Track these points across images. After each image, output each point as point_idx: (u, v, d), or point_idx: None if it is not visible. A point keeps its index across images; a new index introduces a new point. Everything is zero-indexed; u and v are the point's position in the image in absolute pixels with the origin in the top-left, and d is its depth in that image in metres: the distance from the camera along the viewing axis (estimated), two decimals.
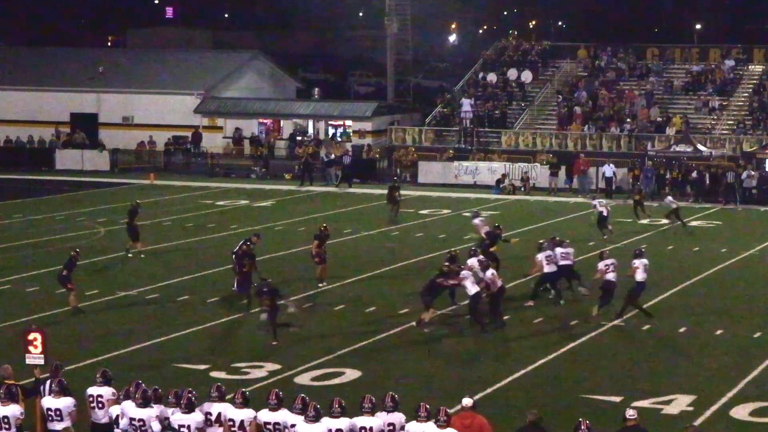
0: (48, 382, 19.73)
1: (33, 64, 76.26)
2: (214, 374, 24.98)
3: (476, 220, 38.12)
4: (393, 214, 48.33)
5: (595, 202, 44.78)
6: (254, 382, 24.16)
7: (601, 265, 30.96)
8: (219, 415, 18.30)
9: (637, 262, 30.84)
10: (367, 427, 17.90)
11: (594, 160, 58.88)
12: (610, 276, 30.69)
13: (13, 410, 18.71)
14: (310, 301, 32.68)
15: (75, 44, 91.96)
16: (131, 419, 18.45)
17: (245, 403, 18.40)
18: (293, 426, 17.94)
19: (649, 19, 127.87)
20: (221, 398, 18.53)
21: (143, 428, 18.40)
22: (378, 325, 30.19)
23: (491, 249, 34.75)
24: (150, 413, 18.39)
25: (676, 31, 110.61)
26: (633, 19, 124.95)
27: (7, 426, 18.50)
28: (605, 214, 43.22)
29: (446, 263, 30.81)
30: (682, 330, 29.78)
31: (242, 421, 18.24)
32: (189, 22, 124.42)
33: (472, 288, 29.75)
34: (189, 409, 18.14)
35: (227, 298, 32.93)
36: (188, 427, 18.10)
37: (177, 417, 18.21)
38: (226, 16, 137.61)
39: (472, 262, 31.37)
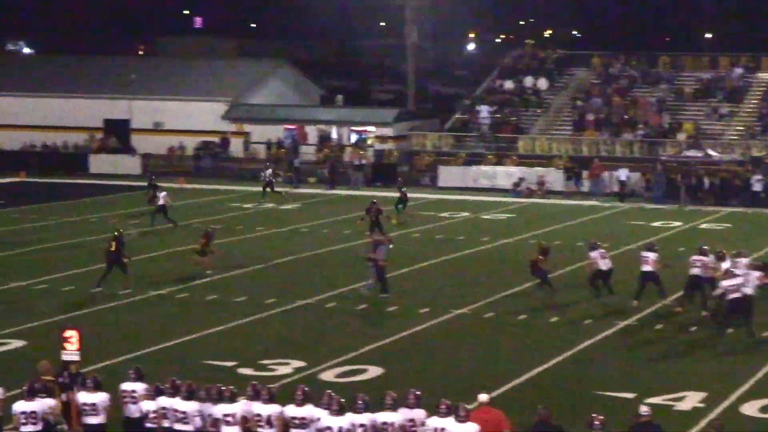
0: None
1: (67, 72, 76.45)
2: (242, 371, 25.05)
3: (593, 253, 32.98)
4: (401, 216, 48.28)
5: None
6: (280, 379, 24.21)
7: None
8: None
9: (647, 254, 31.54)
10: (389, 423, 17.96)
11: (608, 164, 58.87)
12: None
13: (48, 404, 18.86)
14: (334, 302, 32.72)
15: (107, 53, 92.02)
16: (174, 411, 18.60)
17: (272, 398, 18.49)
18: (318, 420, 18.03)
19: (660, 28, 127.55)
20: (255, 396, 18.62)
21: (184, 420, 18.59)
22: (399, 323, 30.21)
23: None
24: (192, 407, 18.54)
25: (687, 40, 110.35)
26: (645, 29, 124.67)
27: (33, 420, 18.62)
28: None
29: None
30: (693, 329, 29.72)
31: (269, 416, 18.33)
32: (217, 31, 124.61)
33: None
34: (232, 399, 18.44)
35: (253, 297, 32.96)
36: (233, 415, 18.30)
37: (221, 408, 18.41)
38: (253, 25, 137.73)
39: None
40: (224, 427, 18.38)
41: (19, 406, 18.69)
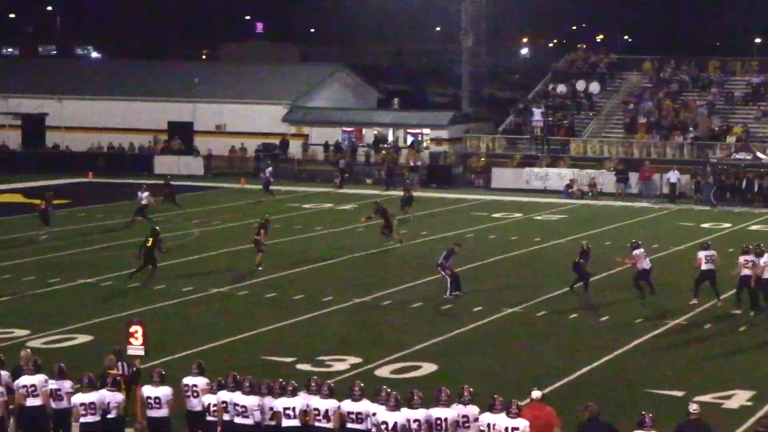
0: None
1: (133, 76, 77.01)
2: (300, 366, 25.12)
3: (636, 251, 32.84)
4: (407, 215, 48.34)
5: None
6: (337, 375, 24.25)
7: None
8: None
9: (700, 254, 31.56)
10: (443, 418, 17.95)
11: (659, 167, 58.55)
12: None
13: (115, 398, 19.04)
14: (390, 299, 32.74)
15: (172, 58, 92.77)
16: (234, 405, 18.73)
17: (331, 393, 18.54)
18: (374, 415, 18.07)
19: (711, 33, 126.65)
20: (317, 391, 18.70)
21: (245, 414, 18.69)
22: (453, 321, 30.20)
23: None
24: (252, 401, 18.66)
25: (737, 45, 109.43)
26: (696, 33, 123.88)
27: (93, 411, 18.86)
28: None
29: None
30: (742, 329, 29.49)
31: (326, 411, 18.39)
32: (277, 36, 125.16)
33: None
34: (293, 393, 18.54)
35: (311, 295, 33.04)
36: (293, 409, 18.40)
37: (281, 401, 18.53)
38: (312, 31, 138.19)
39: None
40: (285, 420, 18.47)
41: (78, 398, 18.94)
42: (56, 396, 19.36)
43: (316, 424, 18.38)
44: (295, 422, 18.41)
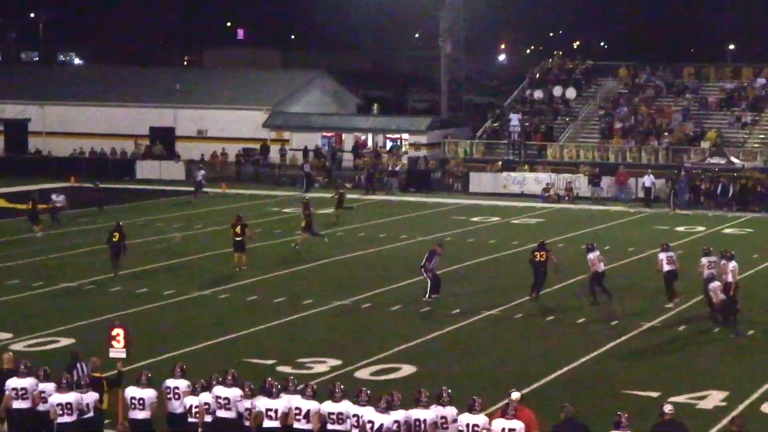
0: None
1: (115, 82, 76.79)
2: (281, 368, 25.09)
3: (590, 255, 32.92)
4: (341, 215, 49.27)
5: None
6: (317, 377, 24.23)
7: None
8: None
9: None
10: (422, 420, 17.96)
11: (634, 171, 58.70)
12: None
13: (93, 396, 19.12)
14: (370, 302, 32.74)
15: (154, 64, 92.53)
16: (216, 397, 18.85)
17: (314, 395, 18.56)
18: (355, 416, 18.06)
19: (685, 40, 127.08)
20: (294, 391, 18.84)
21: (227, 406, 18.78)
22: (432, 324, 30.21)
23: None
24: (236, 393, 18.84)
25: (711, 51, 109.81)
26: (670, 40, 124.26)
27: (68, 411, 18.89)
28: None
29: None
30: (716, 330, 29.58)
31: (308, 411, 18.40)
32: (258, 42, 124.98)
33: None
34: (276, 395, 18.62)
35: (292, 298, 33.01)
36: (275, 411, 18.48)
37: (263, 402, 18.62)
38: (293, 37, 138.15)
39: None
40: (266, 421, 18.47)
41: (55, 399, 18.94)
42: (42, 399, 19.33)
43: (296, 425, 18.38)
44: (276, 423, 18.41)
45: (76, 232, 45.98)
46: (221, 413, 18.85)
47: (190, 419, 19.12)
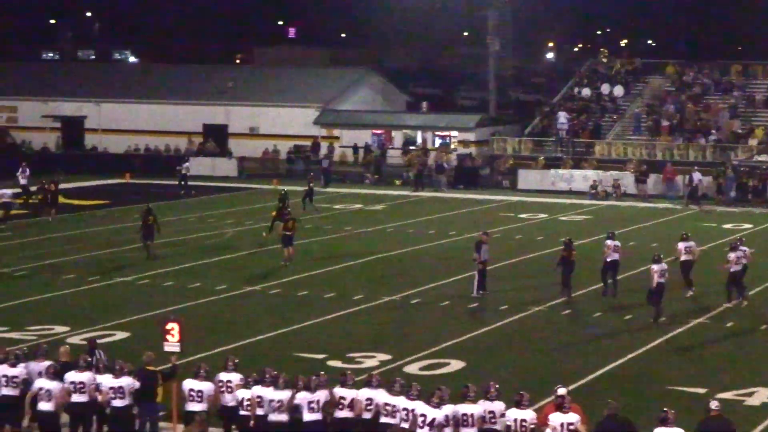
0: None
1: (169, 79, 77.29)
2: (331, 363, 25.17)
3: (609, 242, 33.36)
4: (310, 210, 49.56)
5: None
6: (367, 371, 24.27)
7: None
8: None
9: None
10: (469, 414, 17.99)
11: (681, 168, 58.34)
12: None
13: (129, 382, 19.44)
14: (419, 298, 32.77)
15: (207, 62, 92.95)
16: (270, 400, 18.98)
17: (355, 385, 19.04)
18: (405, 410, 18.16)
19: (732, 38, 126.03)
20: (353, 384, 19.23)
21: (280, 409, 18.95)
22: (480, 319, 30.22)
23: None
24: (286, 395, 18.95)
25: (759, 49, 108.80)
26: (717, 38, 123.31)
27: (120, 395, 19.28)
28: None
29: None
30: (763, 327, 29.38)
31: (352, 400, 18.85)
32: (309, 41, 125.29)
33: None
34: (315, 390, 18.85)
35: (342, 293, 33.08)
36: (317, 402, 18.76)
37: (301, 396, 18.84)
38: (343, 35, 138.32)
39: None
40: (306, 413, 18.78)
41: (108, 382, 19.36)
42: (98, 392, 19.58)
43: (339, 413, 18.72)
44: (318, 416, 18.74)
45: (130, 228, 46.27)
46: (273, 416, 19.02)
47: (241, 412, 19.25)
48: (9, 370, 19.84)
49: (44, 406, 19.39)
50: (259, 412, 19.04)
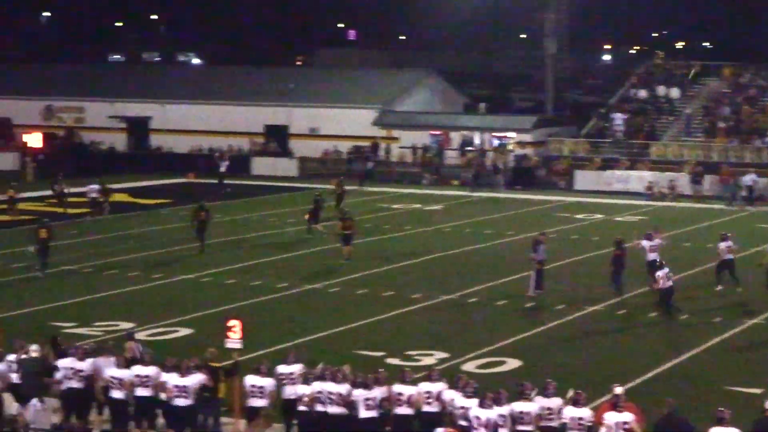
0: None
1: (232, 81, 77.63)
2: (389, 360, 25.20)
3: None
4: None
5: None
6: (425, 369, 24.26)
7: None
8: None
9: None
10: (526, 412, 17.97)
11: (737, 170, 57.81)
12: None
13: (199, 379, 19.53)
14: (476, 297, 32.72)
15: (269, 64, 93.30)
16: (329, 393, 19.08)
17: (413, 382, 19.10)
18: (462, 408, 18.19)
19: None
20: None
21: (338, 402, 19.04)
22: (537, 318, 30.14)
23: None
24: (346, 390, 19.06)
25: None
26: None
27: (185, 394, 19.35)
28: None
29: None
30: None
31: (410, 396, 18.86)
32: (369, 43, 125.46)
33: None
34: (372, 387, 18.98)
35: (400, 292, 33.10)
36: (374, 399, 18.85)
37: (358, 392, 18.94)
38: (402, 38, 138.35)
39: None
40: (363, 410, 18.81)
41: (174, 380, 19.42)
42: (163, 389, 19.75)
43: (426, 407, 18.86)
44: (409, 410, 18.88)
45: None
46: (332, 409, 19.07)
47: (300, 407, 19.32)
48: (76, 364, 20.11)
49: (116, 394, 19.65)
50: (319, 408, 19.12)
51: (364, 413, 18.77)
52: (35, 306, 31.18)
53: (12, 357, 20.75)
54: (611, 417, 17.47)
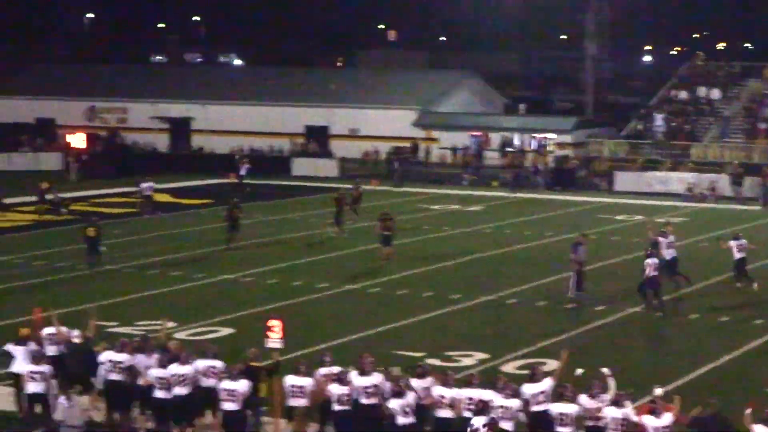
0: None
1: (273, 82, 77.82)
2: (430, 361, 25.14)
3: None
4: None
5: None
6: (465, 369, 24.24)
7: None
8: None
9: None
10: (566, 413, 17.92)
11: None
12: None
13: (244, 386, 19.45)
14: (515, 298, 32.62)
15: (309, 65, 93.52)
16: (364, 388, 19.19)
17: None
18: (501, 407, 18.29)
19: None
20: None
21: (369, 392, 19.16)
22: (577, 320, 30.00)
23: None
24: (377, 380, 19.26)
25: None
26: None
27: (233, 398, 19.29)
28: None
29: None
30: None
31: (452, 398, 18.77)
32: (409, 44, 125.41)
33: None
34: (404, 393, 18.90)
35: (439, 292, 33.06)
36: (410, 405, 18.78)
37: (394, 403, 18.89)
38: (442, 39, 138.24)
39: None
40: (400, 417, 18.78)
41: (225, 384, 19.38)
42: (196, 387, 19.88)
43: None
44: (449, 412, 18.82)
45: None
46: (364, 400, 19.08)
47: (336, 407, 19.30)
48: (115, 356, 20.26)
49: (159, 393, 19.73)
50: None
51: (402, 419, 18.69)
52: (77, 305, 31.30)
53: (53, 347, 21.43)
54: (649, 422, 17.37)
